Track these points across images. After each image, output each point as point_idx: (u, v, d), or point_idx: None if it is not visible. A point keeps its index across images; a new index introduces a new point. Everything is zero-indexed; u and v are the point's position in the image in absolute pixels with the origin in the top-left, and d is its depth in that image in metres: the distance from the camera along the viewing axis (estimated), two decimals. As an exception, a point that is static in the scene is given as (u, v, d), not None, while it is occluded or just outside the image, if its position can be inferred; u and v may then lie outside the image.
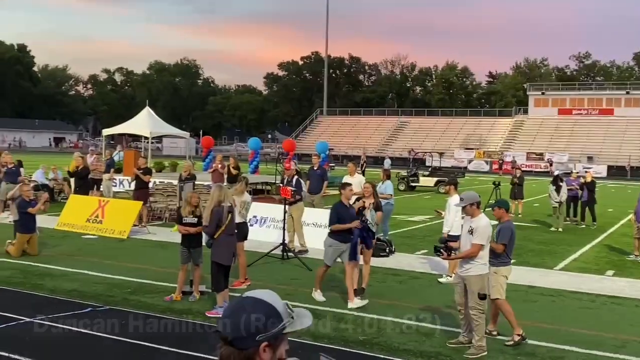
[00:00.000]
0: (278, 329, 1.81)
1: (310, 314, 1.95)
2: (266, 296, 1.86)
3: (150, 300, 9.15)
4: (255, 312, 1.80)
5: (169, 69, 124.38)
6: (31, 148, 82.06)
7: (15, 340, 7.17)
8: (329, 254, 9.56)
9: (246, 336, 1.78)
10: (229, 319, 1.83)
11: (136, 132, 30.66)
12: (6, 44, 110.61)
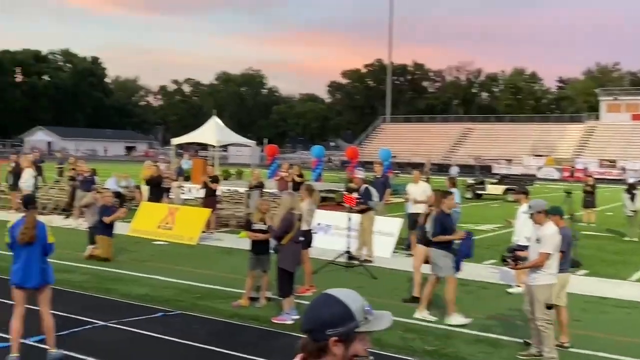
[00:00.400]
0: (348, 327, 1.94)
1: (391, 317, 2.05)
2: (343, 295, 2.00)
3: (218, 305, 9.31)
4: (329, 308, 1.96)
5: (234, 79, 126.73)
6: (104, 157, 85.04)
7: (91, 343, 7.43)
8: (447, 265, 8.87)
9: (317, 329, 1.96)
10: (308, 312, 2.03)
11: (204, 141, 31.34)
12: (80, 56, 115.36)
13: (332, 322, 1.95)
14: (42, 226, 6.75)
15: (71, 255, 12.69)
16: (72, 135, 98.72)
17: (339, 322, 1.95)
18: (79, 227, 16.53)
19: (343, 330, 1.95)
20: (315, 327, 1.97)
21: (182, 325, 8.24)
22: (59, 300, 9.22)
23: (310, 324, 1.99)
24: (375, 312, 2.03)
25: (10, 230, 6.71)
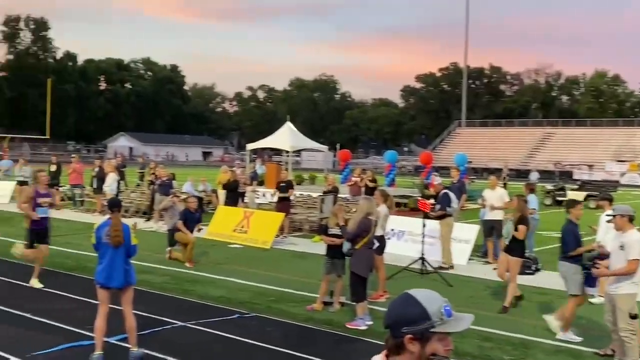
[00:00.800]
0: (423, 327, 2.02)
1: (471, 320, 2.11)
2: (422, 295, 2.08)
3: (292, 309, 9.38)
4: (406, 307, 2.06)
5: (308, 85, 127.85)
6: (182, 162, 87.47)
7: (170, 343, 7.63)
8: (578, 281, 8.22)
9: (395, 326, 2.06)
10: (389, 309, 2.14)
11: (278, 146, 31.78)
12: (160, 65, 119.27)
13: (408, 320, 2.04)
14: (126, 228, 7.00)
15: (151, 257, 13.11)
16: (152, 141, 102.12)
17: (414, 321, 2.03)
18: (159, 229, 17.05)
19: (417, 328, 2.03)
20: (392, 324, 2.07)
21: (257, 328, 8.35)
22: (140, 300, 9.53)
23: (389, 321, 2.09)
24: (456, 314, 2.09)
25: (96, 231, 6.99)
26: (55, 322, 8.25)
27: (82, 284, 10.52)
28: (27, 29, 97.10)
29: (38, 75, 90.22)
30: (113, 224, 6.89)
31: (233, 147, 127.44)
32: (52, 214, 11.20)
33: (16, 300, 9.38)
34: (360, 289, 8.75)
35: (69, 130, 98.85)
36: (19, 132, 78.04)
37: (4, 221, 18.90)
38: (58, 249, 14.13)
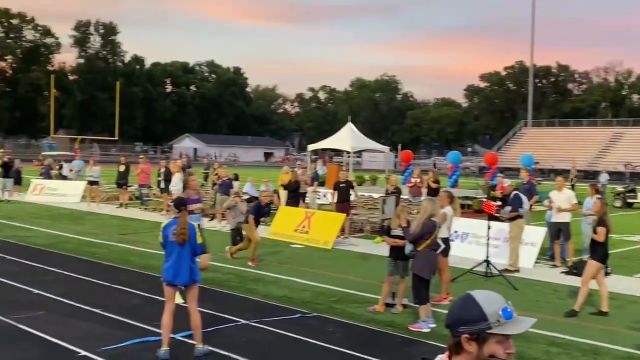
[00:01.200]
0: (479, 327, 2.02)
1: (532, 323, 2.08)
2: (481, 296, 2.08)
3: (354, 309, 9.37)
4: (464, 307, 2.08)
5: (369, 85, 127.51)
6: (244, 162, 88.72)
7: (233, 340, 7.74)
8: None
9: (453, 325, 2.08)
10: (450, 308, 2.16)
11: (339, 147, 31.75)
12: (224, 67, 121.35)
13: (465, 320, 2.05)
14: (191, 227, 7.14)
15: (215, 255, 13.34)
16: (215, 142, 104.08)
17: (470, 321, 2.04)
18: (222, 229, 17.34)
19: (474, 329, 2.04)
20: (451, 323, 2.10)
21: (319, 328, 8.38)
22: (205, 298, 9.71)
23: (448, 320, 2.12)
24: (517, 317, 2.08)
25: (163, 230, 7.15)
26: (124, 318, 8.50)
27: (149, 280, 10.80)
28: (97, 33, 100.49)
29: (107, 78, 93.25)
30: (179, 222, 7.03)
31: (294, 148, 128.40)
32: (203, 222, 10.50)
33: (87, 296, 9.71)
34: (423, 291, 8.65)
35: (137, 132, 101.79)
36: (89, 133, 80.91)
37: (75, 219, 19.62)
38: (127, 247, 14.58)
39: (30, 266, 11.99)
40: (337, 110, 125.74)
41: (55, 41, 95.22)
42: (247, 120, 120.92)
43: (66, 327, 8.09)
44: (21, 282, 10.51)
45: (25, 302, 9.29)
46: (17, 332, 7.81)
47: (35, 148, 79.44)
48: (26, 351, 7.15)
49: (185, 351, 7.25)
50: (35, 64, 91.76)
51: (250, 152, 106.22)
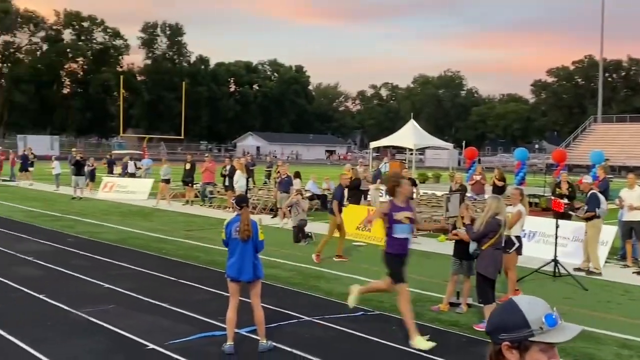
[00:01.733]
0: (520, 335, 1.94)
1: (577, 332, 1.96)
2: (524, 302, 2.00)
3: (418, 309, 9.26)
4: (506, 314, 2.00)
5: (432, 81, 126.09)
6: (306, 160, 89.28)
7: (296, 336, 7.78)
8: None
9: (494, 332, 2.02)
10: (491, 315, 2.10)
11: (401, 144, 31.58)
12: (286, 66, 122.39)
13: (505, 327, 1.98)
14: (254, 224, 7.21)
15: (278, 252, 13.47)
16: (277, 140, 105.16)
17: (511, 328, 1.97)
18: (285, 226, 17.49)
19: (514, 336, 1.96)
20: (491, 330, 2.04)
21: (382, 326, 8.33)
22: (268, 294, 9.81)
23: (489, 327, 2.06)
24: (562, 324, 1.98)
25: (226, 227, 7.26)
26: (190, 313, 8.68)
27: (214, 276, 11.00)
28: (164, 34, 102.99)
29: (173, 78, 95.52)
30: (242, 219, 7.12)
31: (356, 146, 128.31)
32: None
33: (155, 290, 9.97)
34: (488, 291, 8.47)
35: (202, 130, 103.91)
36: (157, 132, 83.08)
37: (144, 216, 20.19)
38: (193, 243, 14.90)
39: (101, 261, 12.41)
40: (399, 108, 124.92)
41: (124, 43, 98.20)
42: (309, 118, 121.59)
43: (135, 320, 8.33)
44: (93, 276, 10.88)
45: (97, 296, 9.61)
46: (89, 325, 8.09)
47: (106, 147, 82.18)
48: (98, 343, 7.39)
49: (249, 346, 7.35)
50: (105, 65, 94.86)
51: (312, 150, 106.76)
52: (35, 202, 23.59)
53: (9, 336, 7.49)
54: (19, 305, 8.97)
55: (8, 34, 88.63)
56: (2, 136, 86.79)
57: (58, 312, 8.65)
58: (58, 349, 7.13)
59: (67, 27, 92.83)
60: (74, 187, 25.22)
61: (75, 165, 25.24)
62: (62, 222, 17.98)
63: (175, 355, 6.97)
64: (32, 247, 13.69)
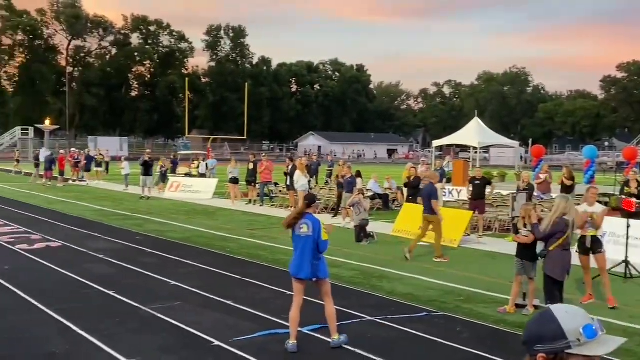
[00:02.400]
0: (556, 347, 1.86)
1: (618, 344, 1.86)
2: (561, 312, 1.91)
3: (483, 309, 9.10)
4: (542, 324, 1.91)
5: (497, 78, 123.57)
6: (367, 159, 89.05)
7: (358, 336, 7.75)
8: None
9: (529, 343, 1.93)
10: (527, 324, 2.01)
11: (465, 142, 31.10)
12: (347, 65, 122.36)
13: (541, 337, 1.89)
14: (316, 223, 7.24)
15: (340, 251, 13.48)
16: (339, 140, 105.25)
17: (547, 339, 1.87)
18: (347, 226, 17.48)
19: (550, 348, 1.87)
20: (526, 340, 1.95)
21: (446, 327, 8.22)
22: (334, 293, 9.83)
23: (525, 337, 1.97)
24: (602, 336, 1.86)
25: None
26: (254, 310, 8.78)
27: (277, 275, 11.11)
28: (227, 37, 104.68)
29: (237, 79, 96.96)
30: (293, 211, 7.24)
31: (418, 144, 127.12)
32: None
33: (219, 288, 10.14)
34: (556, 293, 8.24)
35: (264, 130, 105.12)
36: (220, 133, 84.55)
37: (208, 215, 20.58)
38: (256, 242, 15.09)
39: (167, 259, 12.71)
40: (462, 105, 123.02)
41: (189, 46, 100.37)
42: (370, 117, 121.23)
43: (200, 317, 8.49)
44: (160, 273, 11.16)
45: (164, 292, 9.86)
46: (156, 321, 8.30)
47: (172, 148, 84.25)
48: (165, 340, 7.57)
49: (312, 345, 7.37)
50: (171, 68, 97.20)
51: (374, 149, 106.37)
52: (105, 201, 24.39)
53: (81, 331, 7.76)
54: (90, 302, 9.29)
55: (79, 39, 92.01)
56: (74, 138, 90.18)
57: (127, 308, 8.92)
58: (127, 344, 7.34)
59: (134, 31, 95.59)
60: (142, 186, 25.91)
61: (143, 165, 25.93)
62: (131, 221, 18.52)
63: (240, 352, 7.07)
64: (103, 245, 14.16)
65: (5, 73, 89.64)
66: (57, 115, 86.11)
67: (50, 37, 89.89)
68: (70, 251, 13.42)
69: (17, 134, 65.59)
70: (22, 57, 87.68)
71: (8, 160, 56.32)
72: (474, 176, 17.05)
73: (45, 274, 11.11)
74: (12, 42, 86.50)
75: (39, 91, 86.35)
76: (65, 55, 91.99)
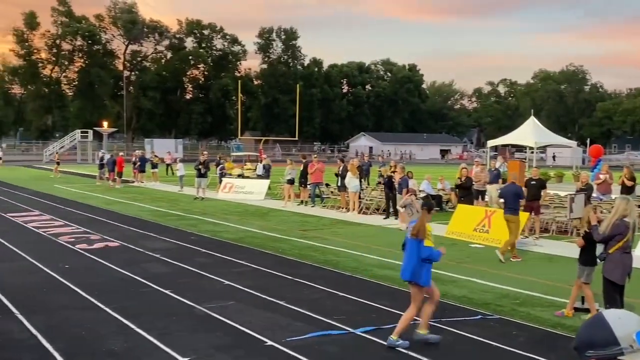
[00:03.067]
0: (609, 353, 1.83)
1: None
2: (614, 318, 1.87)
3: (540, 313, 8.89)
4: (594, 330, 1.88)
5: (553, 76, 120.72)
6: (420, 160, 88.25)
7: (412, 339, 7.68)
8: None
9: (580, 348, 1.91)
10: (579, 329, 1.98)
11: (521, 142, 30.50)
12: (399, 65, 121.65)
13: (592, 343, 1.87)
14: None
15: (392, 253, 13.39)
16: (390, 140, 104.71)
17: (598, 345, 1.85)
18: (401, 226, 17.34)
19: (601, 354, 1.85)
20: (579, 346, 1.92)
21: (501, 330, 8.06)
22: (384, 295, 9.80)
23: (576, 342, 1.95)
24: None
25: (408, 226, 7.67)
26: (306, 311, 8.80)
27: (329, 275, 11.13)
28: (279, 39, 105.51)
29: (288, 81, 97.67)
30: (419, 219, 7.52)
31: (472, 145, 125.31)
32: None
33: (272, 288, 10.21)
34: (616, 297, 7.98)
35: (315, 131, 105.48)
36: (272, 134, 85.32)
37: (261, 216, 20.76)
38: (308, 243, 15.13)
39: (221, 259, 12.88)
40: (518, 104, 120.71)
41: (242, 49, 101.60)
42: (422, 117, 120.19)
43: (253, 317, 8.56)
44: (213, 273, 11.32)
45: (218, 292, 9.99)
46: (211, 320, 8.41)
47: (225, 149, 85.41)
48: (219, 338, 7.67)
49: (368, 347, 7.34)
50: (224, 70, 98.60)
51: (426, 150, 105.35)
52: (161, 202, 24.89)
53: (138, 329, 7.94)
54: (147, 300, 9.48)
55: (135, 43, 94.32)
56: (131, 140, 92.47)
57: (182, 307, 9.07)
58: (182, 342, 7.46)
59: (189, 35, 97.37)
60: (197, 187, 26.29)
61: (200, 167, 26.30)
62: (185, 221, 18.85)
63: (293, 352, 7.09)
64: (159, 245, 14.45)
65: (65, 77, 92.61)
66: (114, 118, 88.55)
67: (108, 42, 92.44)
68: (127, 251, 13.75)
69: (77, 137, 67.64)
70: (81, 62, 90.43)
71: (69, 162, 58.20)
72: (530, 177, 16.70)
73: (104, 273, 11.42)
74: (72, 47, 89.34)
75: (97, 95, 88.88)
76: (122, 60, 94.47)
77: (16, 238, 15.16)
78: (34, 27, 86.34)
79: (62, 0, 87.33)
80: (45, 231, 16.34)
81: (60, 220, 18.65)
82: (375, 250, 13.97)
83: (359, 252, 13.67)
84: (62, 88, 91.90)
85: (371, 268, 11.99)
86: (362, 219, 19.95)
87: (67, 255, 13.06)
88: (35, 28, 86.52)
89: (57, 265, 11.95)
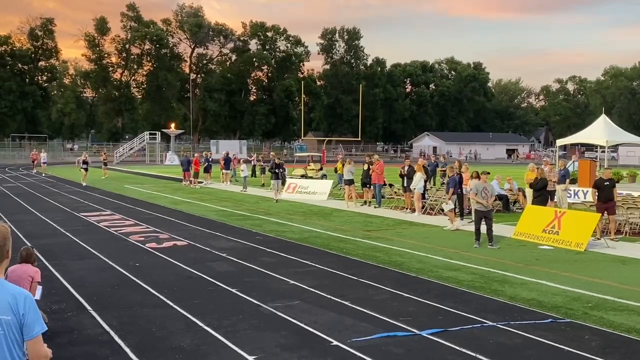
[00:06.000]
0: None
1: None
2: None
3: (614, 317, 8.57)
4: None
5: (625, 73, 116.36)
6: (485, 160, 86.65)
7: (480, 341, 7.53)
8: None
9: None
10: None
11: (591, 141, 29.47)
12: (463, 63, 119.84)
13: None
14: None
15: (457, 254, 13.20)
16: (454, 140, 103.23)
17: None
18: (463, 227, 17.08)
19: None
20: None
21: (573, 334, 7.81)
22: (449, 297, 9.66)
23: None
24: None
25: None
26: (371, 312, 8.76)
27: (393, 276, 11.05)
28: (341, 39, 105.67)
29: (351, 81, 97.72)
30: None
31: (540, 144, 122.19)
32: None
33: (336, 288, 10.22)
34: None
35: (378, 131, 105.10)
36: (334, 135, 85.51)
37: (324, 216, 20.81)
38: (372, 243, 15.07)
39: (286, 258, 12.98)
40: (588, 102, 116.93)
41: (305, 50, 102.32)
42: (488, 116, 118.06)
43: (318, 316, 8.59)
44: (279, 272, 11.42)
45: (283, 291, 10.07)
46: (276, 319, 8.49)
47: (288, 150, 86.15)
48: (285, 337, 7.73)
49: (432, 348, 7.25)
50: (287, 72, 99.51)
51: (492, 149, 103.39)
52: (226, 202, 25.31)
53: (206, 327, 8.09)
54: (214, 299, 9.65)
55: (201, 46, 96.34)
56: (197, 141, 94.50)
57: (249, 305, 9.19)
58: (249, 340, 7.56)
59: (253, 37, 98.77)
60: (275, 190, 26.30)
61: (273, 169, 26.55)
62: (250, 221, 19.10)
63: (359, 353, 7.07)
64: (226, 244, 14.70)
65: (134, 81, 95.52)
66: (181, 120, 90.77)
67: (175, 45, 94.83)
68: (195, 250, 14.04)
69: (146, 138, 69.60)
70: (149, 65, 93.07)
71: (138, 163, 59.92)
72: (601, 177, 16.13)
73: (172, 271, 11.69)
74: (140, 51, 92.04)
75: (165, 97, 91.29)
76: (188, 63, 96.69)
77: (89, 237, 15.72)
78: (105, 32, 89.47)
79: (131, 6, 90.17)
80: (116, 230, 16.88)
81: (130, 219, 19.23)
82: (440, 251, 13.78)
83: (424, 253, 13.52)
84: (131, 91, 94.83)
85: (437, 269, 11.84)
86: (427, 219, 19.74)
87: (137, 254, 13.44)
88: (106, 33, 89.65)
89: (127, 263, 12.33)
